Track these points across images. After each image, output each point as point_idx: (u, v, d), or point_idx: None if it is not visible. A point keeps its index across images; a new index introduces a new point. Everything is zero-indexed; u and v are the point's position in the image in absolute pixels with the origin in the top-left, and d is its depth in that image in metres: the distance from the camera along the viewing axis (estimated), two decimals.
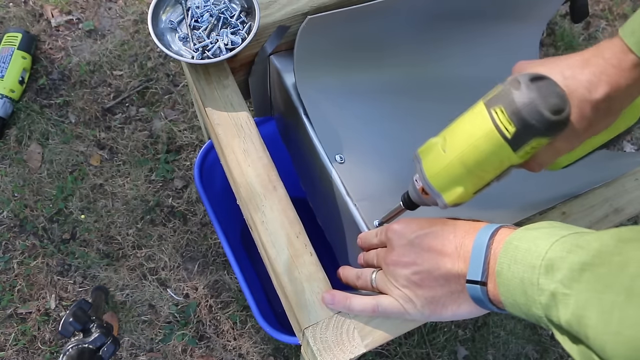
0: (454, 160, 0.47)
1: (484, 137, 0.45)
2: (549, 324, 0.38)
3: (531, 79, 0.43)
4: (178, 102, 1.26)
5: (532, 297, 0.38)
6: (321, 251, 0.62)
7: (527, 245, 0.40)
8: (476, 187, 0.49)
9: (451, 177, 0.48)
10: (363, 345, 0.55)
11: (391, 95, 0.75)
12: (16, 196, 1.15)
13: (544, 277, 0.38)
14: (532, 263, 0.39)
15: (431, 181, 0.50)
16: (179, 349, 1.06)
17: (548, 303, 0.37)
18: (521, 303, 0.40)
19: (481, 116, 0.45)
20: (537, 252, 0.39)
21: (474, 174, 0.47)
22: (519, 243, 0.41)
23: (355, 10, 0.68)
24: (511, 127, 0.43)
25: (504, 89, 0.44)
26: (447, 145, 0.48)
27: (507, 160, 0.46)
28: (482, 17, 0.79)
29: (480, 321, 1.13)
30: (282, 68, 0.72)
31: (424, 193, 0.52)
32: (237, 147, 0.63)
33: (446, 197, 0.49)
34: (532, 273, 0.38)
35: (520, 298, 0.40)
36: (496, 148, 0.45)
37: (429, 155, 0.50)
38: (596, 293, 0.34)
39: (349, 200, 0.65)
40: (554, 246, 0.39)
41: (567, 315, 0.36)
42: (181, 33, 0.68)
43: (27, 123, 1.21)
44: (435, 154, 0.49)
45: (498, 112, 0.43)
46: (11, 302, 1.08)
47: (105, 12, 1.34)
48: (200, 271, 1.12)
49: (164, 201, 1.17)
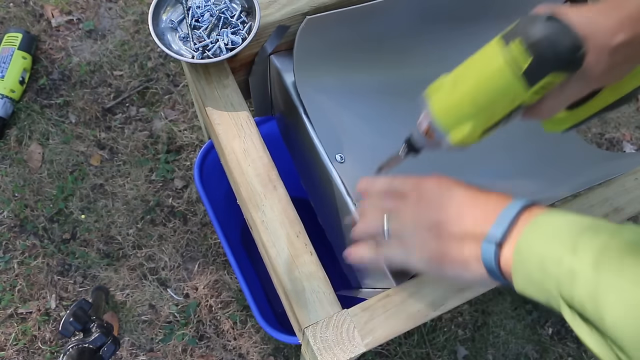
0: (463, 95, 0.47)
1: (498, 70, 0.44)
2: (560, 301, 0.39)
3: (551, 15, 0.43)
4: (178, 102, 1.26)
5: (550, 272, 0.38)
6: (321, 251, 0.63)
7: (558, 224, 0.41)
8: (484, 127, 0.47)
9: (459, 113, 0.47)
10: (363, 345, 0.55)
11: (391, 95, 0.75)
12: (16, 196, 1.15)
13: (568, 255, 0.38)
14: (558, 240, 0.39)
15: (438, 119, 0.49)
16: (179, 349, 1.07)
17: (565, 280, 0.37)
18: (535, 278, 0.40)
19: (496, 49, 0.44)
20: (567, 231, 0.39)
21: (484, 110, 0.46)
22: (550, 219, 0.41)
23: (355, 11, 0.68)
24: (526, 60, 0.43)
25: (521, 22, 0.44)
26: (457, 81, 0.47)
27: (518, 97, 0.45)
28: (483, 18, 0.79)
29: (480, 321, 1.14)
30: (282, 68, 0.72)
31: (428, 135, 0.51)
32: (237, 146, 0.63)
33: (452, 135, 0.48)
34: (556, 249, 0.39)
35: (535, 273, 0.40)
36: (509, 82, 0.44)
37: (438, 93, 0.49)
38: (619, 278, 0.34)
39: (349, 200, 0.65)
40: (585, 229, 0.39)
41: (582, 294, 0.36)
42: (181, 33, 0.68)
43: (27, 123, 1.21)
44: (444, 91, 0.48)
45: (514, 44, 0.43)
46: (11, 302, 1.08)
47: (105, 12, 1.34)
48: (200, 271, 1.12)
49: (164, 201, 1.17)
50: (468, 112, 0.47)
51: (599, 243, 0.37)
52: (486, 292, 0.64)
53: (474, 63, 0.47)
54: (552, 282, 0.38)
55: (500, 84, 0.45)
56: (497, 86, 0.45)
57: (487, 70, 0.45)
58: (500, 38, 0.45)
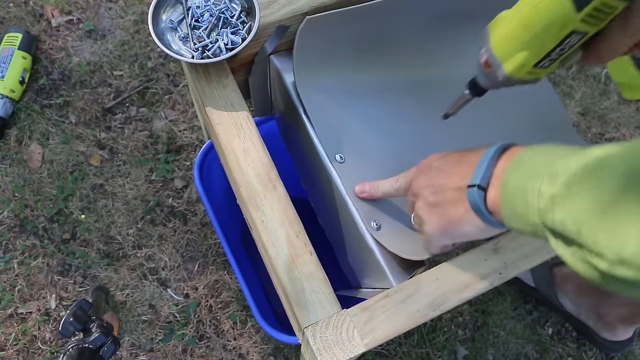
0: (518, 24, 0.48)
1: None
2: (545, 230, 0.40)
3: None
4: (178, 102, 1.26)
5: (532, 205, 0.40)
6: (321, 251, 0.63)
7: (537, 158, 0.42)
8: (538, 56, 0.48)
9: (514, 42, 0.49)
10: (363, 345, 0.55)
11: (391, 95, 0.75)
12: (16, 196, 1.15)
13: (546, 184, 0.39)
14: (537, 172, 0.40)
15: (494, 49, 0.50)
16: (179, 349, 1.07)
17: (546, 207, 0.38)
18: (520, 213, 0.41)
19: None
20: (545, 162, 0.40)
21: (537, 37, 0.47)
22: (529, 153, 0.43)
23: (355, 10, 0.68)
24: None
25: None
26: (515, 11, 0.49)
27: (569, 23, 0.45)
28: (484, 18, 0.79)
29: (480, 321, 1.14)
30: (282, 68, 0.72)
31: (487, 66, 0.52)
32: (237, 146, 0.63)
33: (507, 66, 0.50)
34: (535, 181, 0.40)
35: (520, 207, 0.41)
36: (559, 5, 0.44)
37: (498, 25, 0.51)
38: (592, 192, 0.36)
39: (348, 200, 0.65)
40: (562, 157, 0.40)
41: (561, 214, 0.37)
42: (181, 33, 0.68)
43: (27, 123, 1.21)
44: (503, 22, 0.50)
45: None
46: (11, 302, 1.08)
47: (105, 12, 1.34)
48: (200, 271, 1.12)
49: (164, 201, 1.17)
50: (522, 40, 0.48)
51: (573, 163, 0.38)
52: (486, 292, 0.64)
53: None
54: (535, 212, 0.39)
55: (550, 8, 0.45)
56: (547, 10, 0.45)
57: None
58: None
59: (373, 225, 0.63)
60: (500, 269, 0.60)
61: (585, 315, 1.07)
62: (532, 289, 1.13)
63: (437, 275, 0.59)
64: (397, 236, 0.63)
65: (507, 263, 0.60)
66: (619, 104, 1.37)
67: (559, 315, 1.15)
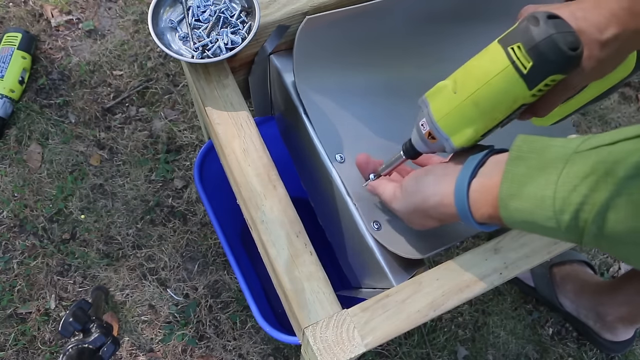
0: (466, 100, 0.48)
1: (500, 74, 0.45)
2: (560, 220, 0.40)
3: (548, 16, 0.44)
4: (178, 102, 1.26)
5: (546, 209, 0.41)
6: (321, 251, 0.62)
7: (527, 172, 0.43)
8: (486, 128, 0.49)
9: (462, 118, 0.48)
10: (363, 345, 0.55)
11: (392, 95, 0.75)
12: (16, 196, 1.15)
13: (549, 191, 0.40)
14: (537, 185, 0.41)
15: (440, 124, 0.50)
16: (179, 349, 1.06)
17: (557, 206, 0.40)
18: (528, 219, 0.43)
19: (497, 54, 0.45)
20: (538, 176, 0.42)
21: (486, 114, 0.47)
22: (517, 166, 0.44)
23: (355, 10, 0.68)
24: (528, 62, 0.44)
25: (520, 26, 0.45)
26: (458, 86, 0.48)
27: (520, 99, 0.46)
28: (485, 18, 0.79)
29: (481, 321, 1.13)
30: (282, 67, 0.72)
31: (430, 138, 0.52)
32: (237, 146, 0.63)
33: (455, 140, 0.50)
34: (541, 190, 0.41)
35: (529, 217, 0.42)
36: (511, 85, 0.45)
37: (438, 98, 0.50)
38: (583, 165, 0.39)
39: (348, 199, 0.65)
40: (557, 160, 0.41)
41: (575, 197, 0.39)
42: (181, 32, 0.68)
43: (27, 123, 1.21)
44: (444, 96, 0.49)
45: (515, 48, 0.44)
46: (11, 302, 1.07)
47: (105, 12, 1.34)
48: (200, 271, 1.12)
49: (164, 201, 1.17)
50: (470, 117, 0.48)
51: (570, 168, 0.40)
52: (486, 293, 0.64)
53: (474, 68, 0.48)
54: (549, 215, 0.41)
55: (502, 88, 0.46)
56: (498, 90, 0.46)
57: (488, 75, 0.46)
58: (498, 42, 0.46)
59: (373, 225, 0.63)
60: (500, 269, 0.60)
61: (585, 315, 1.07)
62: (532, 289, 1.13)
63: (437, 275, 0.59)
64: (397, 236, 0.63)
65: (507, 263, 0.60)
66: (619, 104, 1.37)
67: (559, 315, 1.15)
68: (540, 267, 1.10)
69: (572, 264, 1.10)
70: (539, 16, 0.44)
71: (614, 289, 1.00)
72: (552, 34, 0.43)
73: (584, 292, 1.06)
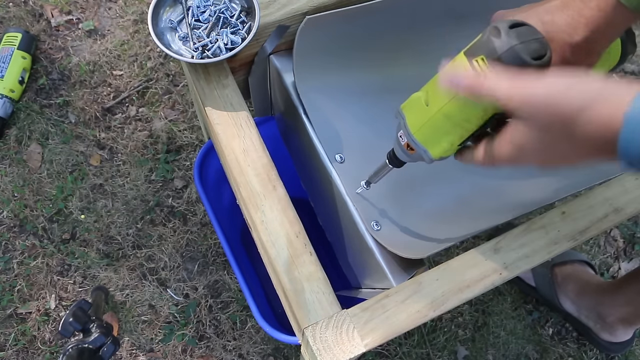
0: (437, 113, 0.47)
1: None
2: None
3: (510, 25, 0.43)
4: (178, 102, 1.26)
5: None
6: (321, 251, 0.63)
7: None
8: (462, 138, 0.48)
9: (436, 130, 0.48)
10: (363, 345, 0.54)
11: (391, 95, 0.75)
12: (16, 196, 1.15)
13: None
14: None
15: (416, 136, 0.49)
16: (179, 349, 1.06)
17: None
18: None
19: (462, 67, 0.45)
20: None
21: (459, 125, 0.47)
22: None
23: (354, 10, 0.68)
24: None
25: (483, 38, 0.44)
26: (429, 98, 0.48)
27: (491, 109, 0.45)
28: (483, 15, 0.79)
29: (481, 321, 1.13)
30: (282, 68, 0.72)
31: (409, 149, 0.52)
32: (237, 146, 0.63)
33: (432, 152, 0.49)
34: None
35: None
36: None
37: (413, 110, 0.50)
38: None
39: (348, 200, 0.65)
40: None
41: None
42: (181, 32, 0.68)
43: (27, 123, 1.21)
44: (418, 108, 0.49)
45: (479, 60, 0.43)
46: (11, 302, 1.07)
47: (105, 12, 1.34)
48: (200, 271, 1.12)
49: (164, 201, 1.17)
50: (444, 129, 0.48)
51: None
52: (486, 293, 0.64)
53: None
54: None
55: (470, 101, 0.45)
56: (467, 103, 0.45)
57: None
58: (464, 54, 0.45)
59: (373, 225, 0.63)
60: (500, 269, 0.60)
61: (585, 315, 1.07)
62: (532, 289, 1.13)
63: (437, 275, 0.59)
64: (397, 236, 0.63)
65: (508, 263, 0.60)
66: None
67: (559, 315, 1.15)
68: (542, 266, 1.10)
69: (573, 264, 1.10)
70: (500, 27, 0.43)
71: (615, 290, 1.00)
72: (514, 45, 0.42)
73: (585, 293, 1.06)
